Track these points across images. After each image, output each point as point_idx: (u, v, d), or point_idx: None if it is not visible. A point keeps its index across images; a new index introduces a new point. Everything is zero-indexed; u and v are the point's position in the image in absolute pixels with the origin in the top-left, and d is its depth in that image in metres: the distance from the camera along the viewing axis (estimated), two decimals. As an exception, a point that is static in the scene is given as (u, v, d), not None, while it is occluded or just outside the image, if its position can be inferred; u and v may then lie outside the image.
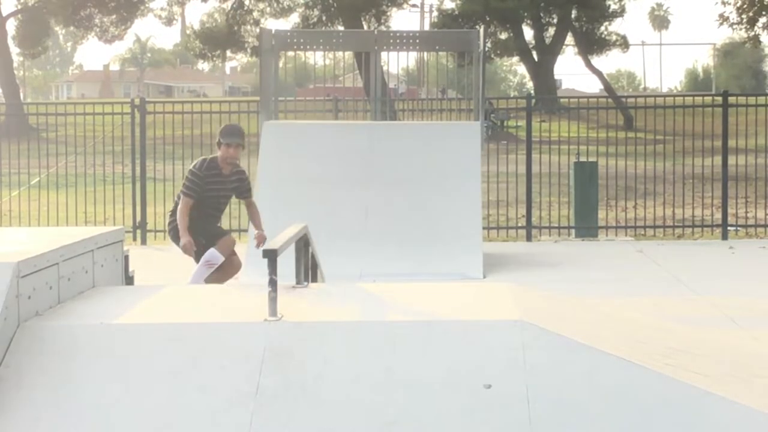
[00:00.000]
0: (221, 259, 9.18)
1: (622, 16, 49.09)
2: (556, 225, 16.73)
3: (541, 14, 47.15)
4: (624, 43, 50.44)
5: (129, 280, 6.89)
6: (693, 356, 5.90)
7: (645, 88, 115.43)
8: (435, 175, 13.25)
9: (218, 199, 9.32)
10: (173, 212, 9.32)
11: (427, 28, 56.72)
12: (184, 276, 9.48)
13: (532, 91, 50.19)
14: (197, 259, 9.25)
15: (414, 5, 53.62)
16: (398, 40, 15.25)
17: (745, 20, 36.90)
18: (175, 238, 9.28)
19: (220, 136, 9.22)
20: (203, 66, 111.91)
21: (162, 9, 47.75)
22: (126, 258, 6.83)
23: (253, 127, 13.59)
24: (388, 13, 44.90)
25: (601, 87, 43.57)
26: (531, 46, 49.51)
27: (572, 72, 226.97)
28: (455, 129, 13.98)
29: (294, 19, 45.57)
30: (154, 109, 17.50)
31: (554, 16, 47.71)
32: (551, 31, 49.37)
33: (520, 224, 16.64)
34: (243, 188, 9.47)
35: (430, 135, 13.83)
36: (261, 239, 9.21)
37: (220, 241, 9.22)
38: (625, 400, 4.86)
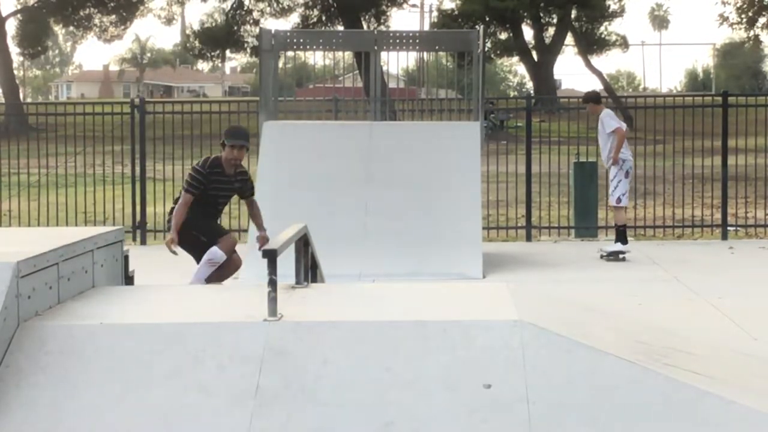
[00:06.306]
0: (224, 257, 9.19)
1: (622, 16, 49.22)
2: (556, 225, 16.72)
3: (541, 14, 47.21)
4: (624, 43, 50.57)
5: (129, 280, 6.88)
6: (693, 356, 5.90)
7: (645, 88, 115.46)
8: (435, 175, 13.24)
9: (219, 198, 9.34)
10: (173, 210, 9.31)
11: (427, 28, 56.74)
12: (184, 276, 9.48)
13: (532, 91, 50.17)
14: (198, 257, 9.26)
15: (414, 5, 53.76)
16: (398, 40, 15.25)
17: (744, 20, 36.96)
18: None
19: (224, 136, 9.24)
20: (203, 66, 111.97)
21: (162, 9, 47.86)
22: (126, 258, 6.82)
23: (253, 127, 13.57)
24: (388, 13, 45.03)
25: (601, 87, 43.58)
26: (531, 46, 49.55)
27: (572, 72, 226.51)
28: (455, 129, 13.97)
29: (294, 19, 45.68)
30: (153, 109, 17.50)
31: (554, 16, 47.77)
32: (551, 31, 49.45)
33: (519, 224, 16.63)
34: (246, 188, 9.49)
35: (430, 135, 13.82)
36: (263, 241, 9.21)
37: (222, 240, 9.23)
38: (625, 400, 4.85)
